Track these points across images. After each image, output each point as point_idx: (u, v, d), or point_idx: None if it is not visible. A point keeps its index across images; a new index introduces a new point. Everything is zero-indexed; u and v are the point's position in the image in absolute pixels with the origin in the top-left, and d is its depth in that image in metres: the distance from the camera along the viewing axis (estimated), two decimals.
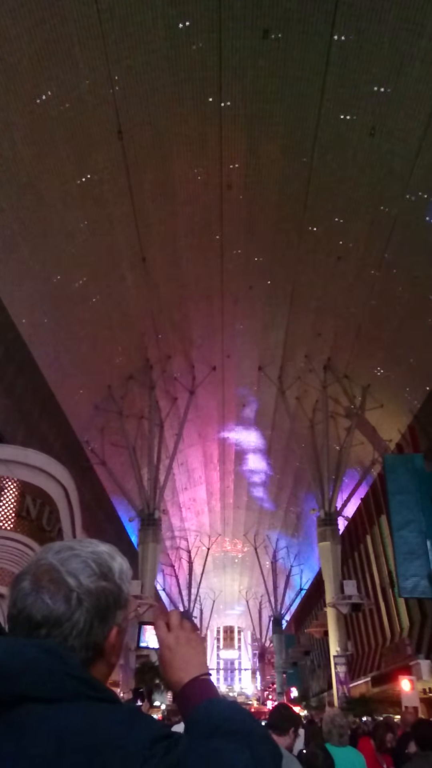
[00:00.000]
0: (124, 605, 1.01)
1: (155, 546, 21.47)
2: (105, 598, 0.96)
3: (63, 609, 0.92)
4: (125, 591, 1.01)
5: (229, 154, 15.73)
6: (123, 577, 1.01)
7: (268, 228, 18.10)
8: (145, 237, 17.47)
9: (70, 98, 13.24)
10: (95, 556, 0.99)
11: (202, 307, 21.52)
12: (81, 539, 1.06)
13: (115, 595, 0.98)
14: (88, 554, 0.98)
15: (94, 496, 24.17)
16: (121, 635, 0.99)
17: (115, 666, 1.00)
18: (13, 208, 14.08)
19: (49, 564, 0.96)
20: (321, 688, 35.68)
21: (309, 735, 6.90)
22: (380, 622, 25.36)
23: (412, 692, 15.64)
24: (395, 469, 18.38)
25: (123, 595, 1.00)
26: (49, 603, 0.92)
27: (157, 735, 0.80)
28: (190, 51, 13.23)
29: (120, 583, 1.00)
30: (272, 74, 13.72)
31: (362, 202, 16.29)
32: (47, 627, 0.91)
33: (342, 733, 4.00)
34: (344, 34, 12.58)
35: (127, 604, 1.03)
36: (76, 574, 0.94)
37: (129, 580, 1.04)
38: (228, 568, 52.96)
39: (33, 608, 0.92)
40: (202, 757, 0.81)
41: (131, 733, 0.79)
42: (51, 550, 0.99)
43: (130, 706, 0.88)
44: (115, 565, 1.00)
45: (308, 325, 21.65)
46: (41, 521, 17.06)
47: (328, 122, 14.42)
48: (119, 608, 0.99)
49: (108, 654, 0.97)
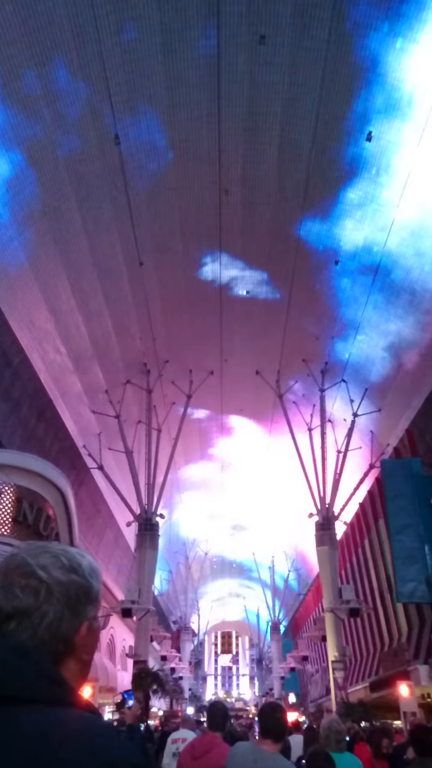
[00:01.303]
0: (95, 601, 1.03)
1: (153, 551, 21.39)
2: (75, 590, 0.98)
3: (32, 600, 0.94)
4: (95, 587, 1.03)
5: (227, 159, 15.77)
6: (93, 574, 1.03)
7: (266, 232, 18.14)
8: (142, 241, 17.50)
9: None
10: (65, 552, 1.02)
11: (200, 312, 21.54)
12: (52, 542, 1.09)
13: (85, 589, 1.00)
14: (58, 551, 1.02)
15: (91, 501, 24.11)
16: (92, 632, 1.00)
17: (87, 664, 1.00)
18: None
19: (20, 559, 0.98)
20: (319, 693, 35.54)
21: (309, 741, 6.86)
22: (378, 627, 25.29)
23: (411, 698, 15.61)
24: (393, 474, 18.37)
25: (93, 591, 1.02)
26: (19, 595, 0.94)
27: (107, 760, 0.79)
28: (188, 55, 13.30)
29: (89, 579, 1.02)
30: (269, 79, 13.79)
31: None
32: (17, 619, 0.93)
33: (339, 739, 3.98)
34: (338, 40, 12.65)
35: (97, 601, 1.04)
36: (46, 567, 0.97)
37: (99, 579, 1.06)
38: (226, 573, 52.81)
39: (3, 601, 0.94)
40: None
41: (81, 750, 0.78)
42: (23, 548, 1.03)
43: (91, 717, 0.86)
44: (84, 561, 1.03)
45: (306, 329, 21.67)
46: (38, 526, 16.99)
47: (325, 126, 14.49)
48: (90, 603, 1.01)
49: (79, 649, 0.98)
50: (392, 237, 16.29)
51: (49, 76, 12.70)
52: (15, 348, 15.90)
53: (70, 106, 13.51)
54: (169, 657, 34.74)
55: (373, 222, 16.49)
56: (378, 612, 24.69)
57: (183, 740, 6.88)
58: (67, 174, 14.76)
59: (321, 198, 16.48)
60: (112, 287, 18.80)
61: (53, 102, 13.19)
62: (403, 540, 16.72)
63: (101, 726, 0.87)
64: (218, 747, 3.61)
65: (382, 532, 23.49)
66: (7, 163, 13.45)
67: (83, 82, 13.16)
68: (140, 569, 20.99)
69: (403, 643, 21.19)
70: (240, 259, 19.34)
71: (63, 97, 13.22)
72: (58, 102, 13.25)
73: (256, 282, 20.40)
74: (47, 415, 18.96)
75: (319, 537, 21.46)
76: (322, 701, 30.96)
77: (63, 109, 13.46)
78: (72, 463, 21.15)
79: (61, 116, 13.61)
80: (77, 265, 17.09)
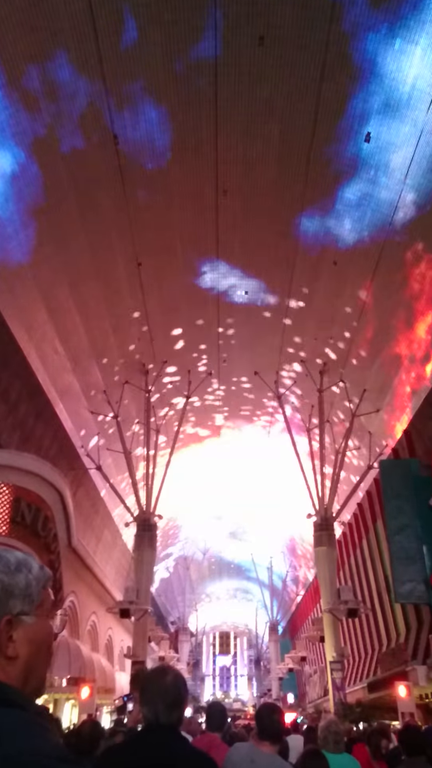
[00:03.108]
0: (19, 595, 1.02)
1: (151, 552, 21.36)
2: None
3: None
4: (18, 581, 1.03)
5: (225, 159, 15.77)
6: (19, 569, 1.04)
7: (264, 231, 18.15)
8: (140, 242, 17.50)
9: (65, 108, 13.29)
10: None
11: (199, 312, 21.54)
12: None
13: (4, 584, 1.00)
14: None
15: (89, 502, 24.09)
16: (21, 629, 1.00)
17: (18, 661, 0.99)
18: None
19: None
20: (318, 694, 35.54)
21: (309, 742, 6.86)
22: (377, 627, 25.30)
23: (409, 698, 15.61)
24: (391, 474, 18.40)
25: (16, 585, 1.02)
26: None
27: (7, 754, 0.78)
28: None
29: (15, 573, 1.02)
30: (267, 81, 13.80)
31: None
32: None
33: (338, 740, 3.99)
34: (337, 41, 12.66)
35: (23, 594, 1.03)
36: None
37: (26, 573, 1.05)
38: (224, 574, 52.80)
39: None
40: None
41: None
42: None
43: (19, 714, 0.86)
44: (11, 557, 1.04)
45: (304, 329, 21.68)
46: (36, 526, 17.00)
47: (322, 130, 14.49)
48: (11, 597, 1.00)
49: (3, 647, 0.97)
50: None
51: (48, 75, 12.70)
52: (13, 348, 15.89)
53: (70, 105, 13.51)
54: (168, 658, 34.74)
55: (372, 222, 16.51)
56: (376, 613, 24.70)
57: None
58: (66, 173, 14.75)
59: (320, 198, 16.49)
60: (110, 287, 18.79)
61: (53, 101, 13.19)
62: (401, 540, 16.75)
63: (11, 722, 0.86)
64: (217, 748, 3.62)
65: (380, 533, 23.51)
66: (7, 163, 13.45)
67: (82, 81, 13.15)
68: (138, 570, 20.97)
69: (401, 644, 21.21)
70: (238, 259, 19.33)
71: (63, 96, 13.22)
72: (58, 101, 13.25)
73: (255, 282, 20.40)
74: (45, 416, 18.94)
75: (317, 537, 21.46)
76: (321, 702, 30.96)
77: (63, 108, 13.46)
78: (70, 463, 21.12)
79: (61, 115, 13.61)
80: (76, 265, 17.08)
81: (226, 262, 19.37)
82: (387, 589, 22.85)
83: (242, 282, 20.31)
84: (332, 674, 18.81)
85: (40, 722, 0.88)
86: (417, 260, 16.41)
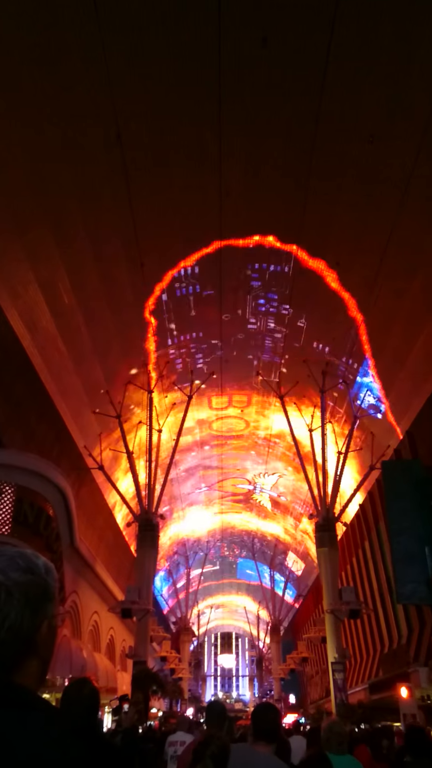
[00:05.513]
0: (53, 599, 1.06)
1: (153, 552, 21.38)
2: (34, 589, 1.01)
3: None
4: (51, 585, 1.07)
5: (228, 161, 15.76)
6: (49, 573, 1.07)
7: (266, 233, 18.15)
8: (143, 242, 17.50)
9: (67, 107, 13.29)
10: (20, 554, 1.05)
11: (200, 313, 21.55)
12: (5, 546, 1.11)
13: (43, 588, 1.03)
14: (14, 553, 1.04)
15: (92, 501, 24.11)
16: (51, 630, 1.03)
17: (48, 663, 1.03)
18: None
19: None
20: (319, 695, 35.51)
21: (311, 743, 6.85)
22: (378, 628, 25.27)
23: (411, 700, 15.60)
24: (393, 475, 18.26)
25: (50, 589, 1.05)
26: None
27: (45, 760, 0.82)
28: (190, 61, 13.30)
29: (46, 578, 1.05)
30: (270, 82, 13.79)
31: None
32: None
33: (340, 741, 3.98)
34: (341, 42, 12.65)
35: (55, 598, 1.07)
36: (3, 570, 1.00)
37: (54, 577, 1.09)
38: (226, 574, 52.78)
39: None
40: None
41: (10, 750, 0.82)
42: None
43: (36, 717, 0.88)
44: (39, 562, 1.06)
45: (306, 330, 21.67)
46: (38, 526, 17.00)
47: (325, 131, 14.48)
48: (48, 601, 1.04)
49: (40, 648, 1.00)
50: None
51: (48, 75, 12.71)
52: (16, 348, 15.92)
53: (71, 104, 13.51)
54: (169, 658, 34.74)
55: (374, 225, 16.49)
56: (378, 614, 24.67)
57: (181, 743, 6.85)
58: (69, 174, 14.76)
59: (322, 200, 16.47)
60: (113, 287, 18.80)
61: (53, 100, 13.20)
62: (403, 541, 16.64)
63: (39, 729, 0.88)
64: None
65: (382, 534, 23.47)
66: (6, 163, 13.47)
67: (84, 80, 13.16)
68: (140, 569, 20.98)
69: (403, 645, 21.17)
70: (241, 260, 19.32)
71: (63, 95, 13.23)
72: (57, 100, 13.26)
73: (258, 284, 20.39)
74: (48, 416, 18.96)
75: (319, 538, 21.45)
76: (322, 703, 30.92)
77: (64, 108, 13.46)
78: (72, 463, 21.15)
79: (62, 115, 13.61)
80: (78, 265, 17.08)
81: (229, 262, 19.34)
82: (389, 590, 22.82)
83: (245, 283, 20.31)
84: (334, 675, 18.78)
85: (61, 722, 0.91)
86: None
